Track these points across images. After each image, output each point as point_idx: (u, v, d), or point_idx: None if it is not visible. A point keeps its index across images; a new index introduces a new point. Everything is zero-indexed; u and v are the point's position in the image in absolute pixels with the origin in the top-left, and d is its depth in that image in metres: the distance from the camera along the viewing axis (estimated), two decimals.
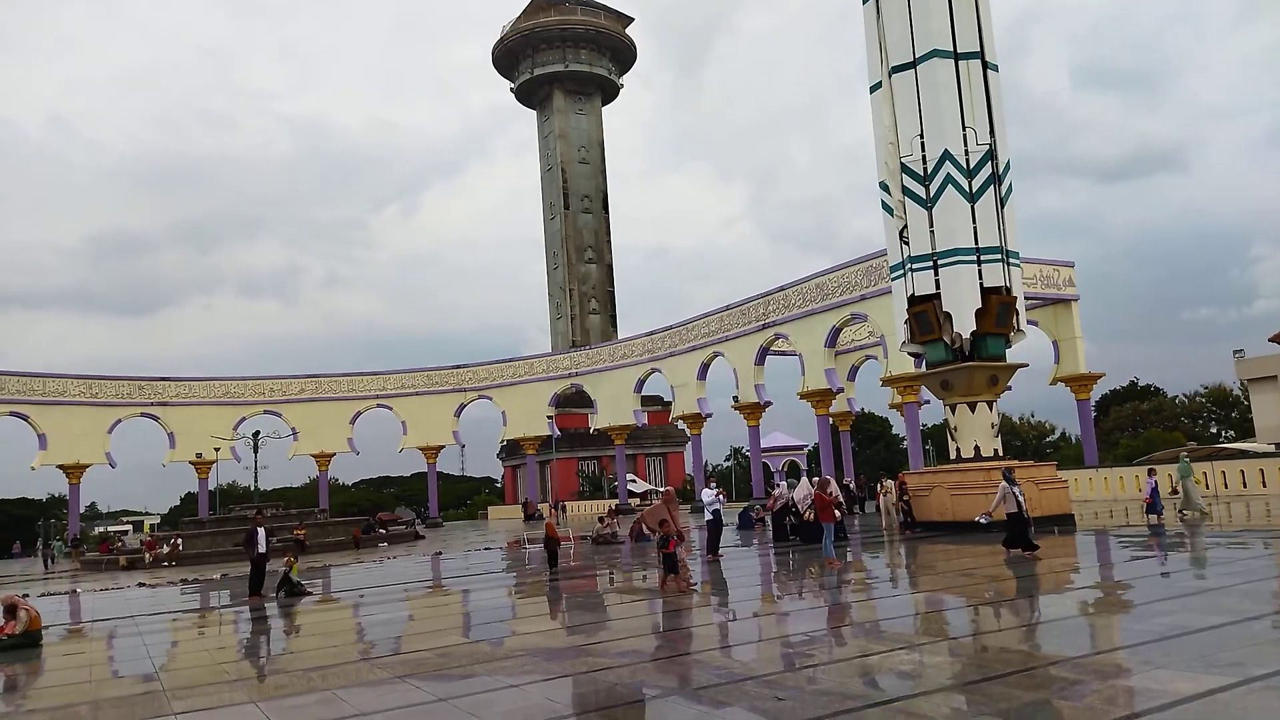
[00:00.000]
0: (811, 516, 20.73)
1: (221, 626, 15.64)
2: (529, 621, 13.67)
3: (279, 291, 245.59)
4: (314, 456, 58.23)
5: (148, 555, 35.40)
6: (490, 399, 60.09)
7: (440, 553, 30.58)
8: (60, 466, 51.29)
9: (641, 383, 53.46)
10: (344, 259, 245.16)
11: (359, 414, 59.17)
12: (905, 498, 24.31)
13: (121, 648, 13.23)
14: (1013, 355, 24.93)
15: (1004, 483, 17.18)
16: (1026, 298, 26.93)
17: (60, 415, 50.85)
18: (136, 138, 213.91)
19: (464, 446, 64.85)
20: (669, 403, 55.62)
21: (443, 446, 60.85)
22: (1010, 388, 26.85)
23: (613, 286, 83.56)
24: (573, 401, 61.81)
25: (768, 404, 45.36)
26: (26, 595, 18.52)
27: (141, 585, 25.30)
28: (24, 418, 50.13)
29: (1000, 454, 24.33)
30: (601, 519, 31.06)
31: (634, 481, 64.28)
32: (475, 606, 15.83)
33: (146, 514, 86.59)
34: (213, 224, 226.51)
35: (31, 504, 79.00)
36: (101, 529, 65.07)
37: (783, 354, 45.75)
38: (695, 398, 48.60)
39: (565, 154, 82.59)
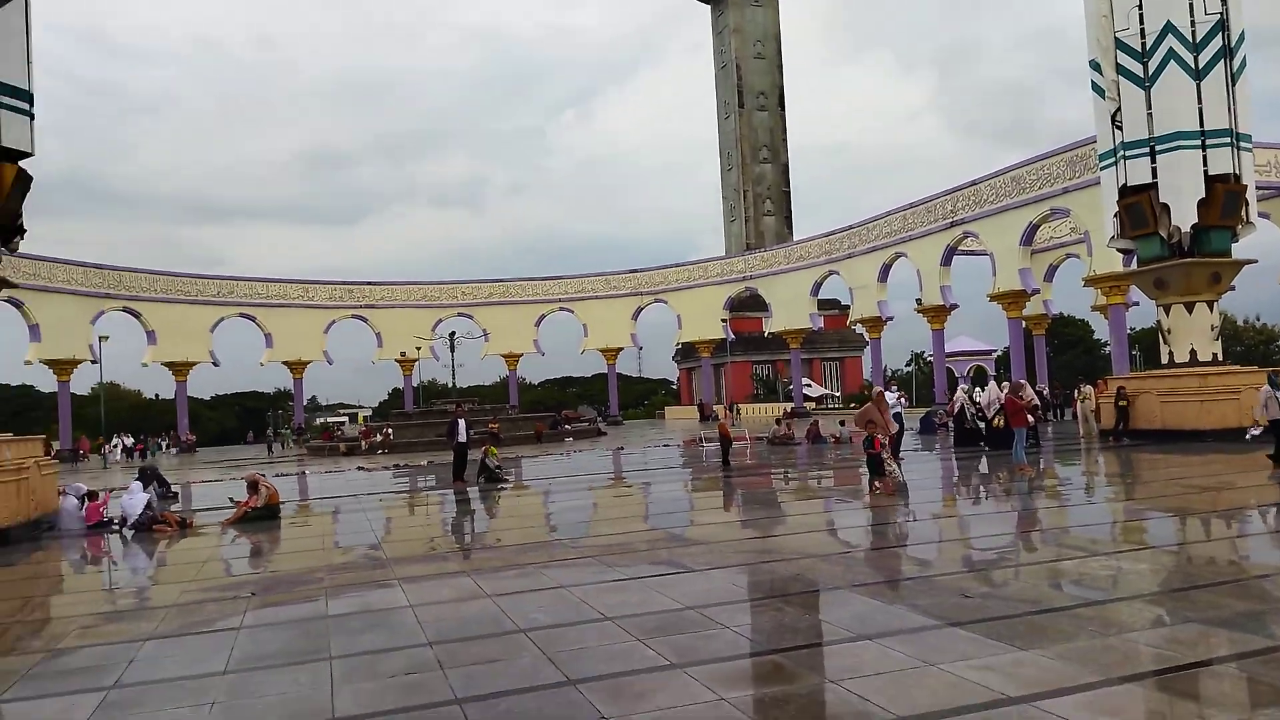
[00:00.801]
0: (1001, 422, 19.94)
1: (429, 507, 17.16)
2: (706, 514, 14.14)
3: (466, 200, 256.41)
4: (503, 356, 61.43)
5: (363, 443, 39.11)
6: (665, 302, 60.86)
7: (621, 448, 31.87)
8: (285, 363, 56.83)
9: (818, 285, 52.40)
10: (525, 167, 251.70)
11: (543, 317, 61.61)
12: (1121, 403, 22.88)
13: (346, 522, 14.83)
14: (1238, 250, 22.54)
15: (1266, 387, 15.82)
16: (1258, 187, 24.05)
17: (283, 317, 56.04)
18: (334, 56, 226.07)
19: (641, 349, 66.53)
20: (846, 306, 54.34)
21: (621, 349, 62.54)
22: (1233, 287, 24.38)
23: (788, 187, 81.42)
24: (747, 305, 61.52)
25: (954, 307, 43.43)
26: (263, 476, 20.99)
27: (360, 469, 28.03)
28: (252, 319, 55.63)
29: (1219, 359, 22.30)
30: (778, 421, 31.30)
31: (809, 386, 63.84)
32: (655, 498, 16.51)
33: (359, 406, 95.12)
34: (405, 138, 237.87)
35: (261, 397, 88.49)
36: (322, 420, 72.21)
37: (971, 254, 43.40)
38: (875, 300, 47.19)
39: (740, 49, 80.00)
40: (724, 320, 56.73)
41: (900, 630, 5.99)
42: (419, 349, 57.33)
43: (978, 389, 25.88)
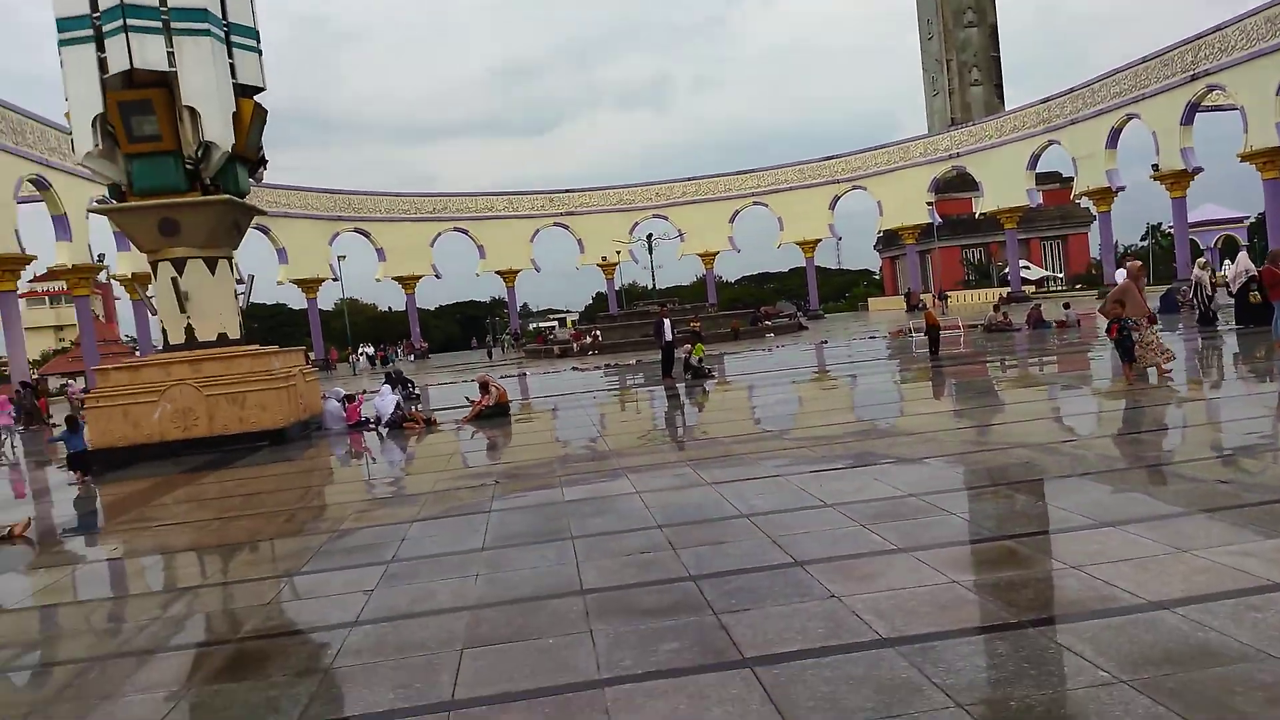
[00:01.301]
0: (1259, 297, 17.88)
1: (642, 403, 17.89)
2: (918, 404, 13.82)
3: (652, 100, 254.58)
4: (700, 256, 61.71)
5: (574, 345, 41.07)
6: (864, 189, 58.40)
7: (824, 342, 31.50)
8: (497, 272, 60.07)
9: (1035, 158, 48.33)
10: (708, 60, 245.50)
11: (737, 213, 61.01)
12: None
13: (568, 417, 15.76)
14: None
15: None
16: None
17: (492, 229, 58.94)
18: None
19: (840, 239, 64.37)
20: (1069, 178, 49.82)
21: (819, 240, 61.01)
22: None
23: (997, 52, 74.65)
24: (954, 185, 57.94)
25: (1197, 171, 38.82)
26: (492, 377, 22.56)
27: (574, 369, 29.52)
28: (465, 232, 58.93)
29: None
30: (995, 307, 29.71)
31: (1027, 268, 59.70)
32: (863, 390, 16.30)
33: (566, 311, 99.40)
34: (589, 43, 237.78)
35: (479, 306, 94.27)
36: (534, 325, 76.28)
37: (1217, 109, 38.31)
38: (1103, 169, 42.98)
39: None
40: (929, 203, 53.78)
41: (1147, 518, 5.70)
42: (618, 253, 58.67)
43: (1227, 262, 23.20)
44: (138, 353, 44.30)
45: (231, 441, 14.92)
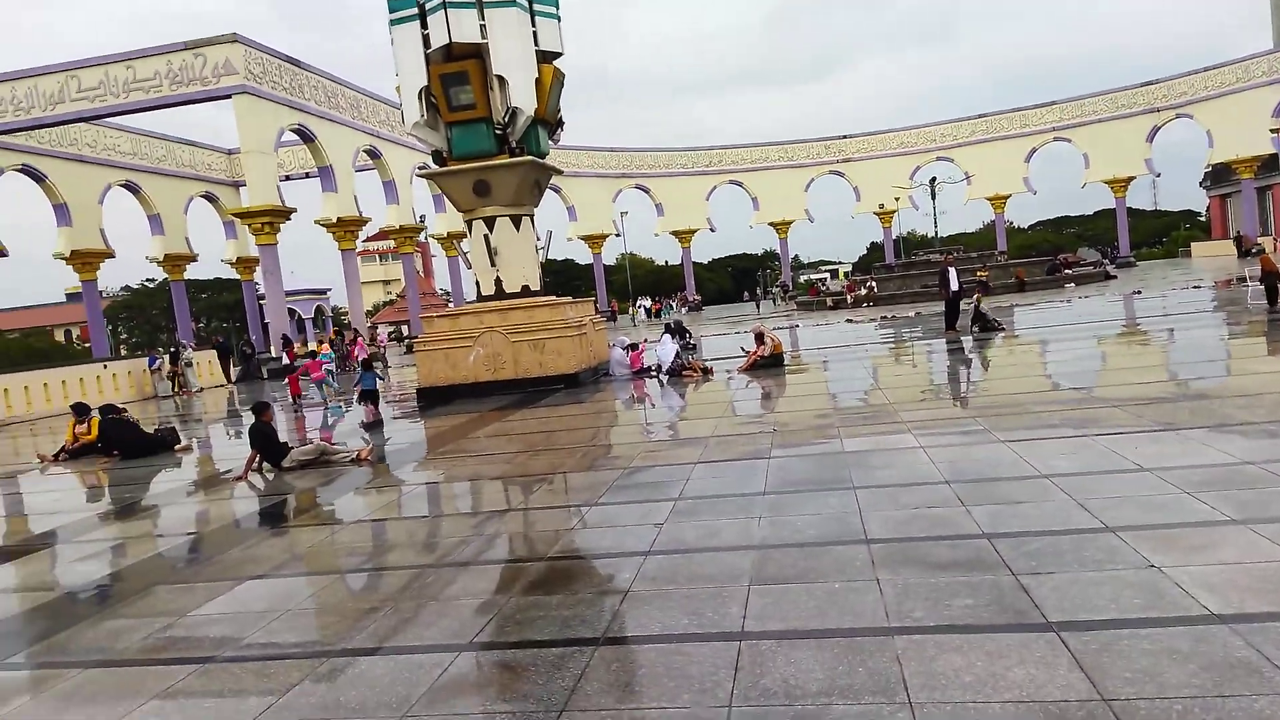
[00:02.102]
0: None
1: (924, 356, 17.17)
2: (1250, 362, 12.03)
3: (937, 35, 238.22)
4: (989, 199, 57.49)
5: (848, 297, 40.10)
6: (1190, 117, 51.12)
7: (1137, 292, 28.27)
8: (770, 224, 59.90)
9: None
10: None
11: (1033, 151, 55.97)
12: None
13: (843, 370, 15.51)
14: None
15: None
16: None
17: (765, 179, 58.73)
18: None
19: (1158, 176, 57.02)
20: None
21: (1131, 178, 54.47)
22: None
23: None
24: None
25: None
26: (766, 328, 22.69)
27: (848, 321, 28.91)
28: (739, 184, 59.22)
29: None
30: None
31: None
32: (1183, 345, 14.48)
33: (838, 263, 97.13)
34: None
35: (750, 258, 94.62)
36: (805, 277, 75.40)
37: None
38: None
39: None
40: (1273, 131, 46.03)
41: None
42: (897, 199, 56.16)
43: None
44: (451, 304, 49.47)
45: (532, 384, 16.31)
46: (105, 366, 26.79)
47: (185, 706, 3.93)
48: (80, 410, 14.51)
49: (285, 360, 29.70)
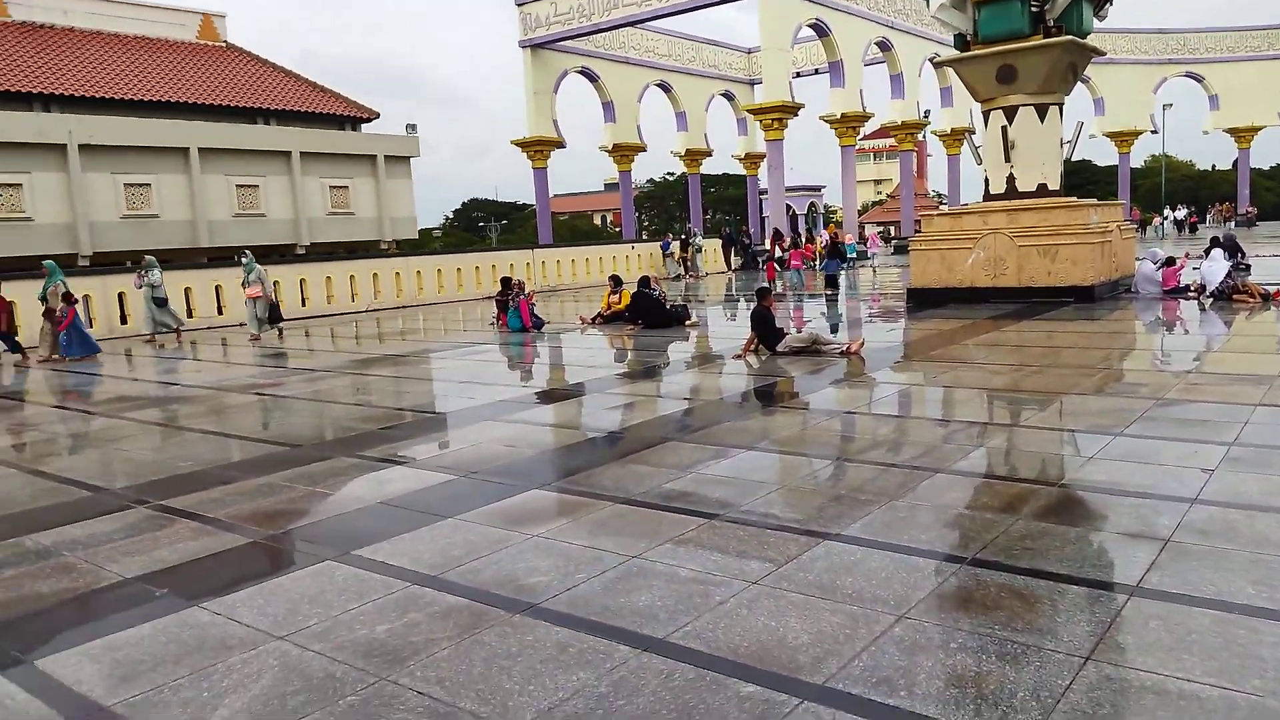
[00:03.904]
0: None
1: None
2: None
3: None
4: None
5: None
6: None
7: None
8: (1228, 130, 46.92)
9: None
10: None
11: None
12: None
13: None
14: None
15: None
16: None
17: (1230, 73, 45.63)
18: None
19: None
20: None
21: None
22: None
23: None
24: None
25: None
26: None
27: None
28: (1198, 78, 46.84)
29: None
30: None
31: None
32: None
33: None
34: None
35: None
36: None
37: None
38: None
39: None
40: None
41: None
42: None
43: None
44: (943, 206, 47.17)
45: (1036, 294, 14.82)
46: (633, 247, 30.52)
47: (696, 555, 4.23)
48: (615, 282, 16.63)
49: (777, 252, 31.04)
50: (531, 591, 3.86)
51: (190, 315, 18.41)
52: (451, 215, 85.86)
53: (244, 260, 16.46)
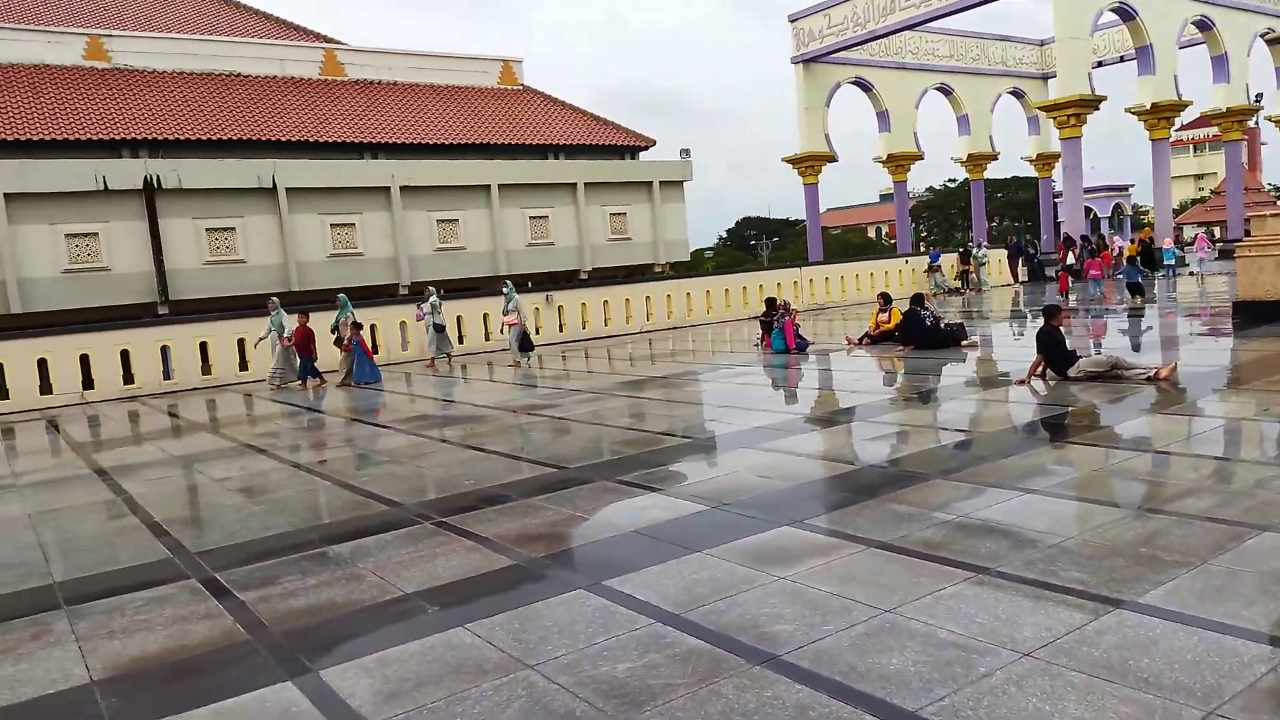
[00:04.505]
0: None
1: None
2: None
3: None
4: None
5: None
6: None
7: None
8: None
9: None
10: None
11: None
12: None
13: None
14: None
15: None
16: None
17: None
18: None
19: None
20: None
21: None
22: None
23: None
24: None
25: None
26: None
27: None
28: None
29: None
30: None
31: None
32: None
33: None
34: None
35: None
36: None
37: None
38: None
39: None
40: None
41: None
42: None
43: None
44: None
45: None
46: (906, 262, 29.15)
47: (959, 614, 3.83)
48: (885, 300, 15.94)
49: (1069, 259, 28.21)
50: (774, 641, 3.70)
51: (461, 340, 20.07)
52: (725, 234, 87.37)
53: (504, 290, 17.55)
